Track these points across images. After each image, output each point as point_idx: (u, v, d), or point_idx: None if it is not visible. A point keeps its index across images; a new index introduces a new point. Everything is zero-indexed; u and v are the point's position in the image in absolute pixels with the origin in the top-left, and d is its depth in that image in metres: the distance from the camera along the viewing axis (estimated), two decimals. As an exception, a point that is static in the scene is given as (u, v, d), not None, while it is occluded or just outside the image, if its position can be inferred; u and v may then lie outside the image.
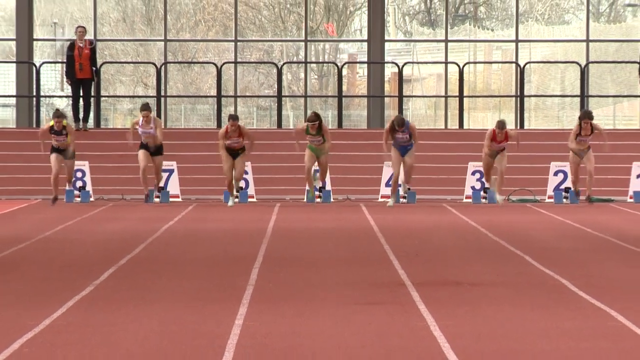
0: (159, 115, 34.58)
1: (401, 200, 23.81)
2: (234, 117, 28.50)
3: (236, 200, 29.63)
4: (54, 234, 21.39)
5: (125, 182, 30.71)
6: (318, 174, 27.82)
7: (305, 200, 21.80)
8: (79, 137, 30.62)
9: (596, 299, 14.17)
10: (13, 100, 33.21)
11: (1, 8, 35.90)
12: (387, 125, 27.35)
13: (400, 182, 27.88)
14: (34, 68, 33.52)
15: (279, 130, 31.43)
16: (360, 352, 10.83)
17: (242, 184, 30.69)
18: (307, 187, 24.08)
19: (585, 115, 27.69)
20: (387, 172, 30.23)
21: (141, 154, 26.20)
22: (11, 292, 15.25)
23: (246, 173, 30.49)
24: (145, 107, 28.75)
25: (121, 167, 31.45)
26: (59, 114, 29.14)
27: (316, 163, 28.24)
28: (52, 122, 28.13)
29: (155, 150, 26.70)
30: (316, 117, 26.74)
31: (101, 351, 10.90)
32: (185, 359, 10.53)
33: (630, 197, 29.47)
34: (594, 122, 26.92)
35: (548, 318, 13.09)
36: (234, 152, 25.13)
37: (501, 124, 27.34)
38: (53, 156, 27.21)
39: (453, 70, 34.42)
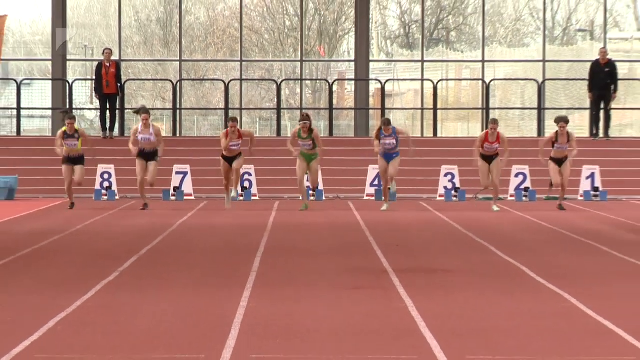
0: (174, 124, 34.67)
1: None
2: (233, 119, 26.21)
3: (240, 198, 28.13)
4: (84, 227, 21.42)
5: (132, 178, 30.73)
6: (309, 181, 26.17)
7: (300, 209, 20.95)
8: (107, 144, 30.66)
9: (552, 283, 14.26)
10: (49, 112, 33.07)
11: (39, 32, 35.87)
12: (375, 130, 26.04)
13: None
14: (67, 84, 33.47)
15: (278, 138, 31.30)
16: (347, 330, 10.95)
17: (246, 184, 30.58)
18: (300, 197, 22.62)
19: (561, 119, 25.82)
20: (371, 173, 30.25)
21: (138, 165, 23.93)
22: (47, 277, 15.32)
23: (249, 175, 30.42)
24: (145, 110, 26.45)
25: (135, 169, 31.39)
26: (71, 116, 26.73)
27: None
28: (64, 128, 25.27)
29: (151, 155, 24.35)
30: (307, 116, 24.99)
31: (124, 329, 11.08)
32: (197, 336, 10.68)
33: (581, 196, 29.46)
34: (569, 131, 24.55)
35: (510, 300, 13.24)
36: (231, 158, 23.49)
37: (494, 120, 25.11)
38: (64, 167, 24.74)
39: (428, 87, 34.40)
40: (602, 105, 31.37)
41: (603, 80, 31.67)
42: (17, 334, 10.32)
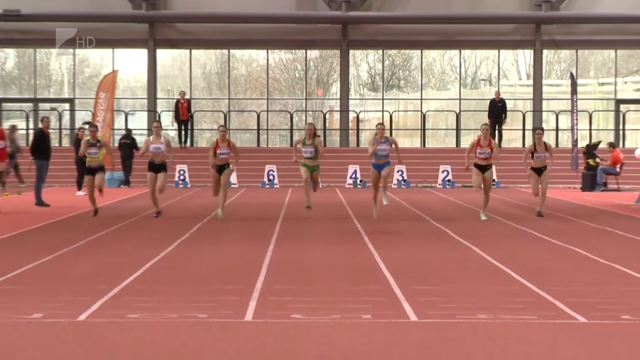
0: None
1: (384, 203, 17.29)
2: (223, 125, 20.26)
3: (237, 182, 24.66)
4: (170, 204, 21.36)
5: (204, 177, 30.79)
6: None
7: (306, 205, 17.56)
8: (182, 152, 30.63)
9: (464, 240, 14.44)
10: (145, 132, 33.14)
11: (139, 80, 35.94)
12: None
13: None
14: (157, 114, 33.54)
15: (290, 147, 31.38)
16: (336, 268, 11.34)
17: (270, 177, 30.22)
18: (305, 199, 17.77)
19: (538, 128, 21.39)
20: (350, 170, 30.23)
21: (150, 177, 17.98)
22: (145, 236, 15.45)
23: (272, 171, 30.10)
24: (155, 119, 19.67)
25: (201, 167, 31.44)
26: (93, 125, 20.79)
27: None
28: (87, 137, 18.66)
29: (161, 166, 18.08)
30: (312, 124, 19.16)
31: (193, 268, 11.42)
32: (239, 272, 10.98)
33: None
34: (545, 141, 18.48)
35: (438, 250, 13.48)
36: (220, 168, 17.56)
37: (486, 125, 18.67)
38: (87, 178, 18.55)
39: (386, 116, 34.38)
40: (496, 127, 31.53)
41: (497, 111, 31.62)
42: (125, 272, 10.59)
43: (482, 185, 17.35)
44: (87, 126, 22.48)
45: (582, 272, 11.11)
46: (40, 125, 23.10)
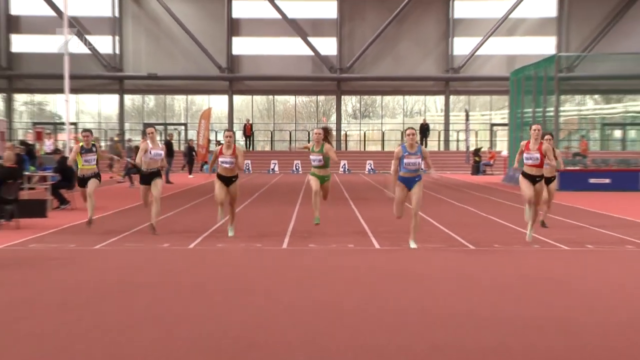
0: (272, 146, 34.77)
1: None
2: (228, 129, 9.40)
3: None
4: (241, 182, 21.47)
5: (261, 166, 30.92)
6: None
7: (315, 222, 9.44)
8: (249, 153, 29.70)
9: (408, 203, 13.96)
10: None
11: (223, 112, 35.67)
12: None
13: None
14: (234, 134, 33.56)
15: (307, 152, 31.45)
16: (334, 221, 10.91)
17: (297, 167, 29.42)
18: (314, 213, 9.37)
19: (547, 132, 9.32)
20: (341, 164, 29.65)
21: (143, 190, 9.49)
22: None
23: (298, 164, 29.69)
24: (149, 125, 9.81)
25: (260, 161, 31.49)
26: (86, 129, 9.81)
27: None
28: (81, 143, 9.61)
29: (155, 174, 9.31)
30: (322, 128, 8.99)
31: (251, 221, 10.95)
32: (278, 223, 10.61)
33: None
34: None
35: (388, 209, 13.11)
36: (227, 179, 8.92)
37: (538, 125, 8.46)
38: (81, 190, 9.64)
39: (362, 133, 34.21)
40: (424, 141, 31.48)
41: (424, 130, 31.51)
42: (212, 223, 10.07)
43: (535, 200, 8.32)
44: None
45: (472, 221, 10.89)
46: (167, 137, 24.58)
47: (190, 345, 3.82)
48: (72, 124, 26.31)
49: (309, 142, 12.51)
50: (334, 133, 17.40)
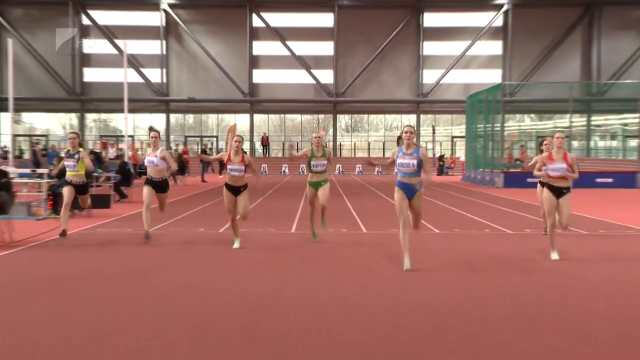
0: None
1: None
2: (239, 135, 6.29)
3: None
4: (265, 177, 21.00)
5: (277, 168, 30.78)
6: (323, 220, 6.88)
7: (313, 240, 6.73)
8: (264, 159, 30.11)
9: (388, 197, 13.51)
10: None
11: (246, 127, 35.37)
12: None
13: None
14: (253, 144, 33.08)
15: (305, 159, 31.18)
16: (330, 209, 10.02)
17: (303, 169, 29.02)
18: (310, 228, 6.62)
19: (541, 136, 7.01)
20: (336, 167, 30.09)
21: (145, 190, 6.07)
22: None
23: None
24: (152, 129, 6.19)
25: (274, 165, 31.24)
26: (74, 131, 6.27)
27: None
28: (68, 147, 6.04)
29: (161, 185, 6.08)
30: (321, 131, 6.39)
31: (267, 210, 10.65)
32: (287, 211, 10.34)
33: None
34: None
35: (376, 202, 12.64)
36: (235, 189, 5.91)
37: (561, 132, 5.15)
38: (66, 188, 6.03)
39: (352, 144, 33.99)
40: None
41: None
42: (221, 222, 9.13)
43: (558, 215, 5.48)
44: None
45: (439, 212, 10.66)
46: (203, 147, 25.02)
47: (223, 306, 3.88)
48: (129, 136, 28.59)
49: (300, 150, 9.64)
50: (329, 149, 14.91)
